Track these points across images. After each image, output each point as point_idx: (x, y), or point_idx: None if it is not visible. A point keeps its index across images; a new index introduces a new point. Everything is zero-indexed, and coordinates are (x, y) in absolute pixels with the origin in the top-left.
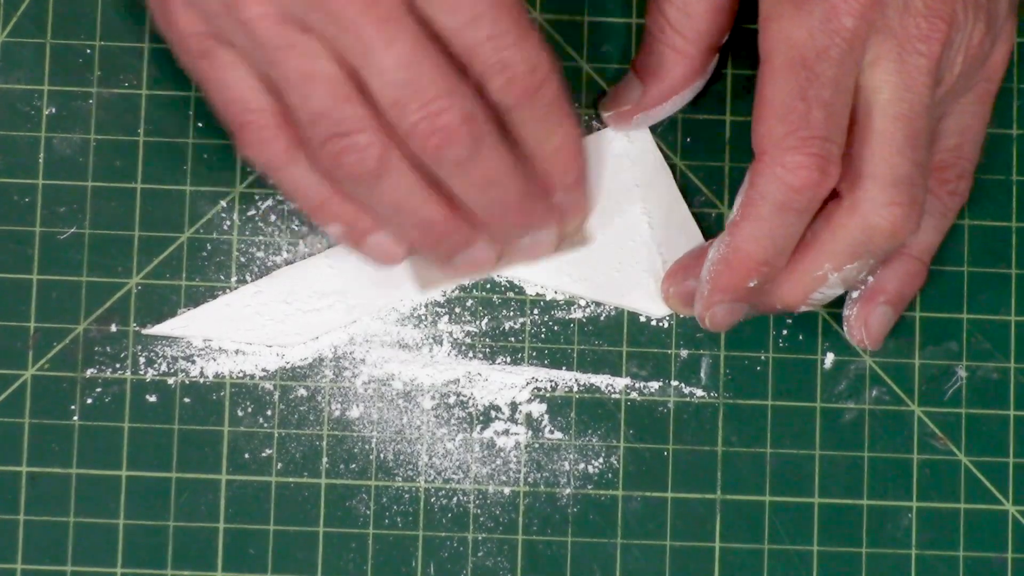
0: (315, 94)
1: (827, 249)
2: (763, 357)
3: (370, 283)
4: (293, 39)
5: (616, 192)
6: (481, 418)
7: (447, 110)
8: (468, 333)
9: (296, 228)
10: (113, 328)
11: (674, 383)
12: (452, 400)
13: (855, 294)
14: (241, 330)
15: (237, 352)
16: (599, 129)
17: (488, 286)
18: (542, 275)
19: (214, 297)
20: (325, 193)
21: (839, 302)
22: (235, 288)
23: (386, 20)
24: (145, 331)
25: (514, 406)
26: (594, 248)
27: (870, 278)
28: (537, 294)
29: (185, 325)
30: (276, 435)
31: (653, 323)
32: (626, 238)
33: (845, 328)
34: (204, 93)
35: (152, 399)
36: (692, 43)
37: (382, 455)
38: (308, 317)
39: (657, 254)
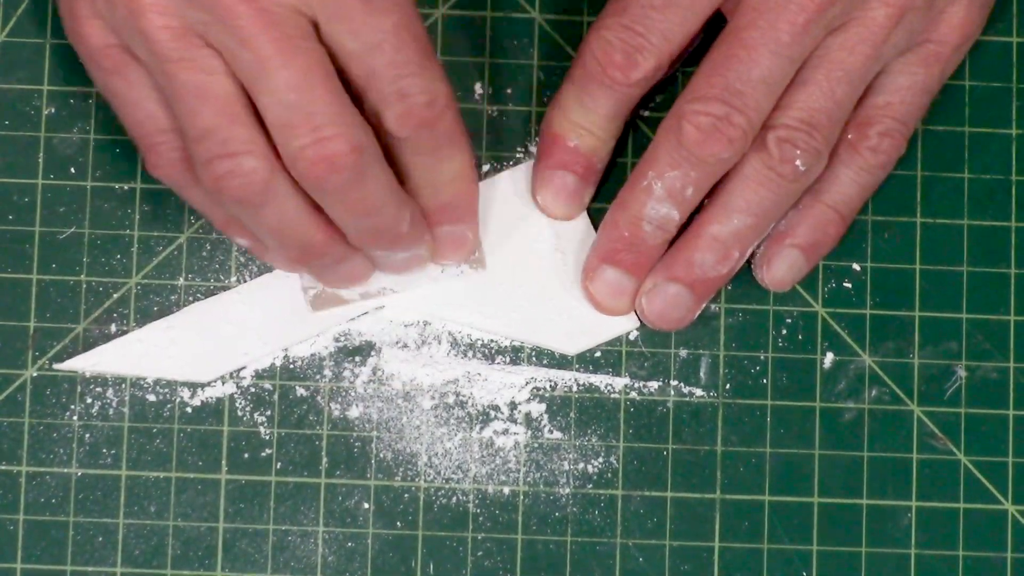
0: (204, 111)
1: (648, 155)
2: (763, 357)
3: (282, 317)
4: (190, 53)
5: (530, 230)
6: (480, 418)
7: (336, 137)
8: (467, 333)
9: None
10: (113, 328)
11: (674, 383)
12: (451, 400)
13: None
14: (154, 365)
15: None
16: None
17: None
18: (455, 313)
19: (213, 294)
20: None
21: (839, 302)
22: (233, 287)
23: (285, 40)
24: (56, 366)
25: (513, 406)
26: (508, 286)
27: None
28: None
29: (96, 361)
30: (276, 435)
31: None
32: (540, 276)
33: (752, 266)
34: (112, 108)
35: (152, 399)
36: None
37: (382, 455)
38: (222, 351)
39: (570, 291)
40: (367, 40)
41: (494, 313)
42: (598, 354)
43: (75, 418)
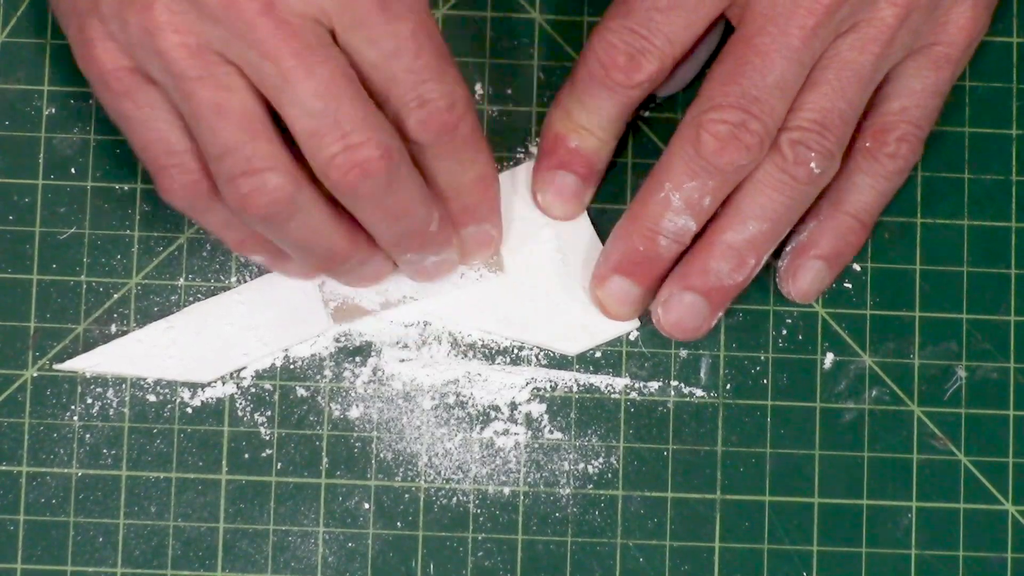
0: (225, 128)
1: (662, 166)
2: (763, 357)
3: (282, 318)
4: (208, 70)
5: (530, 230)
6: (481, 418)
7: (365, 143)
8: (467, 333)
9: None
10: (113, 328)
11: (674, 383)
12: (452, 400)
13: (788, 247)
14: (154, 365)
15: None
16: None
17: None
18: (455, 314)
19: (213, 294)
20: (247, 231)
21: (839, 302)
22: (233, 288)
23: (307, 50)
24: (56, 367)
25: (514, 406)
26: (508, 286)
27: (804, 234)
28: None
29: (96, 362)
30: (276, 435)
31: (653, 322)
32: (540, 276)
33: (777, 280)
34: (124, 133)
35: (152, 399)
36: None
37: (382, 455)
38: (222, 351)
39: (571, 291)
40: (385, 47)
41: (494, 313)
42: (598, 354)
43: (75, 418)
